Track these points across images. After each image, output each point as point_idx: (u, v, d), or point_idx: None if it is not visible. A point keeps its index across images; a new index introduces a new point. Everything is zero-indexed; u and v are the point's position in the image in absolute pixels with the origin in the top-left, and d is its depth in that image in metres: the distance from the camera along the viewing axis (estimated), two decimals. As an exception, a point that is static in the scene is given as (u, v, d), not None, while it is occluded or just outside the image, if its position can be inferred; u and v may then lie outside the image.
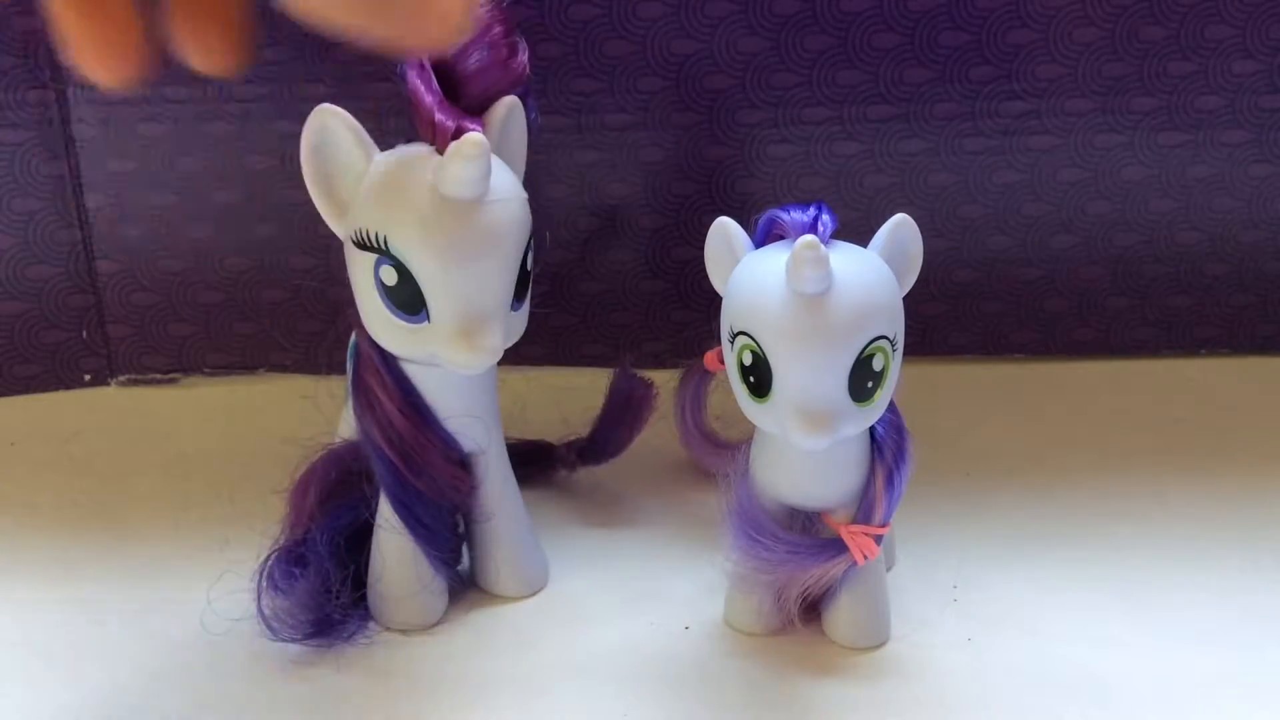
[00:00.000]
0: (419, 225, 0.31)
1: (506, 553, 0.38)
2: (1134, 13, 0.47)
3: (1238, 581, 0.39)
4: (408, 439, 0.34)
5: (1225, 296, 0.52)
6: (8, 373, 0.50)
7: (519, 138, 0.35)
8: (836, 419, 0.32)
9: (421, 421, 0.34)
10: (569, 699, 0.34)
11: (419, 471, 0.35)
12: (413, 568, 0.36)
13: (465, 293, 0.32)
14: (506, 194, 0.33)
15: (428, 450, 0.35)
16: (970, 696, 0.34)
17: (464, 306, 0.32)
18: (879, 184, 0.50)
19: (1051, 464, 0.46)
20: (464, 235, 0.31)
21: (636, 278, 0.51)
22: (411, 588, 0.36)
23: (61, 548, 0.41)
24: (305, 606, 0.35)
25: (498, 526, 0.37)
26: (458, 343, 0.32)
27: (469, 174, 0.31)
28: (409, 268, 0.31)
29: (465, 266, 0.31)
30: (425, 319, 0.32)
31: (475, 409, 0.35)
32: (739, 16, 0.47)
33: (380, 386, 0.34)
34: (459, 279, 0.32)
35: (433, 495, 0.35)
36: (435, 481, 0.35)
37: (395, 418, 0.34)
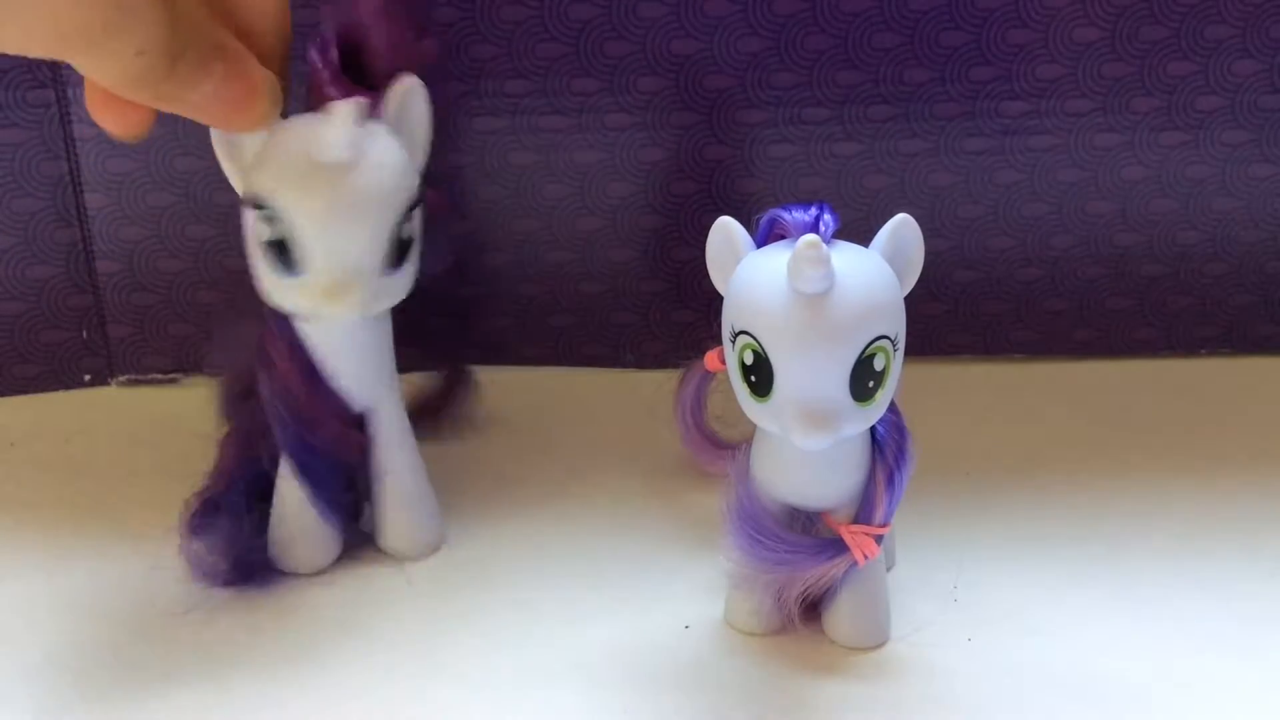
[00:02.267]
0: (295, 185, 0.34)
1: (398, 511, 0.40)
2: (1134, 13, 0.47)
3: (1238, 582, 0.39)
4: (300, 397, 0.37)
5: (1225, 296, 0.52)
6: (8, 373, 0.50)
7: (419, 116, 0.37)
8: (837, 419, 0.32)
9: (313, 380, 0.37)
10: (569, 698, 0.34)
11: (310, 427, 0.37)
12: (303, 516, 0.39)
13: (333, 250, 0.34)
14: (382, 161, 0.35)
15: (318, 408, 0.37)
16: (970, 696, 0.34)
17: (332, 263, 0.35)
18: (879, 184, 0.50)
19: (1051, 464, 0.46)
20: (333, 196, 0.34)
21: (636, 278, 0.51)
22: (301, 534, 0.39)
23: (61, 548, 0.41)
24: (221, 550, 0.37)
25: (391, 484, 0.40)
26: (326, 295, 0.34)
27: (336, 137, 0.33)
28: (288, 223, 0.34)
29: (335, 224, 0.34)
30: (301, 272, 0.35)
31: (366, 369, 0.38)
32: (739, 16, 0.47)
33: (274, 346, 0.37)
34: (328, 237, 0.34)
35: (325, 452, 0.38)
36: (325, 437, 0.37)
37: (289, 376, 0.37)
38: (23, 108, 0.47)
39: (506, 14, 0.46)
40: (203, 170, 0.48)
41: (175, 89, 0.31)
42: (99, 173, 0.48)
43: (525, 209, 0.50)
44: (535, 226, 0.50)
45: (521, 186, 0.49)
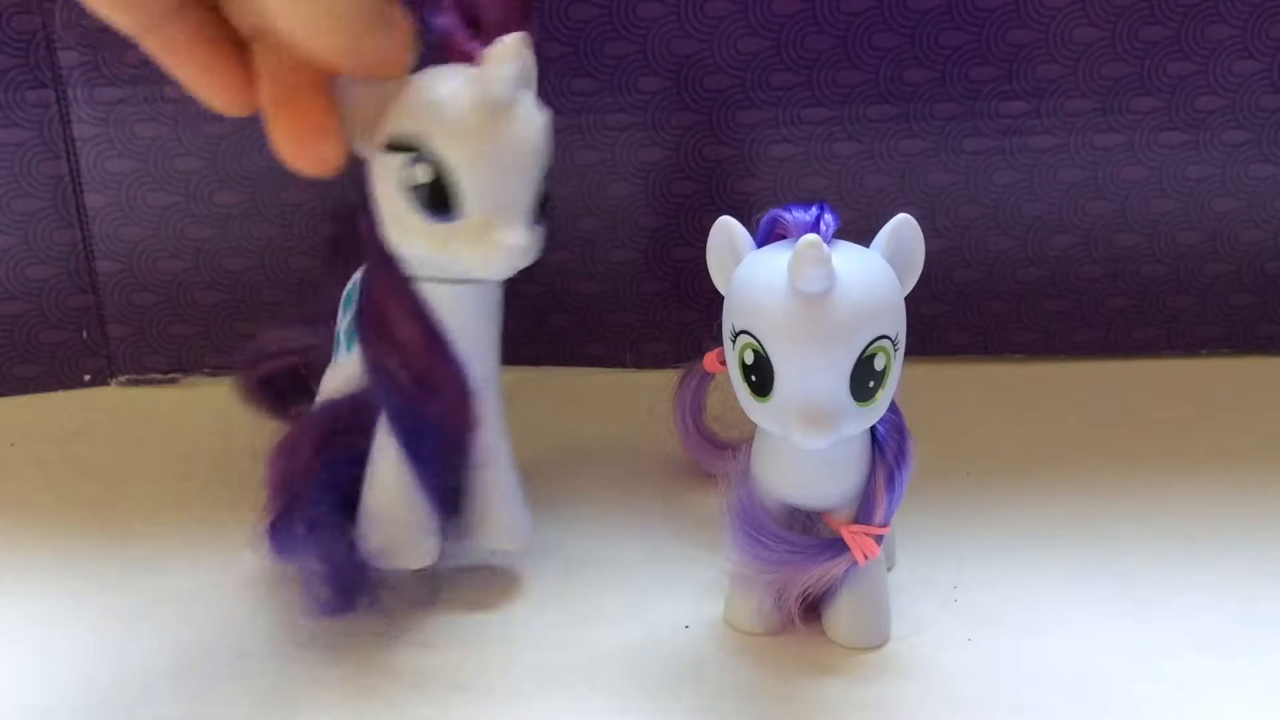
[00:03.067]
0: (461, 126, 0.33)
1: (497, 502, 0.38)
2: (1134, 13, 0.48)
3: (1238, 582, 0.39)
4: (423, 359, 0.35)
5: (1225, 296, 0.52)
6: (8, 373, 0.50)
7: (531, 70, 0.36)
8: (838, 418, 0.32)
9: (437, 344, 0.35)
10: (569, 698, 0.34)
11: (430, 394, 0.35)
12: (407, 501, 0.36)
13: (497, 191, 0.33)
14: (532, 112, 0.34)
15: (441, 371, 0.35)
16: (970, 696, 0.34)
17: (494, 204, 0.33)
18: (879, 184, 0.50)
19: (1051, 464, 0.46)
20: (501, 137, 0.33)
21: (636, 278, 0.51)
22: (405, 522, 0.36)
23: (61, 548, 0.41)
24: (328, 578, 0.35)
25: (492, 475, 0.38)
26: (485, 238, 0.33)
27: (506, 74, 0.33)
28: (446, 164, 0.33)
29: (500, 162, 0.33)
30: (455, 217, 0.33)
31: (483, 338, 0.36)
32: (739, 16, 0.47)
33: (398, 306, 0.35)
34: (494, 177, 0.33)
35: (439, 423, 0.35)
36: (445, 406, 0.35)
37: (413, 337, 0.35)
38: (23, 108, 0.47)
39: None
40: (202, 170, 0.48)
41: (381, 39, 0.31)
42: (99, 173, 0.48)
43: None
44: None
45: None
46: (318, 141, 0.32)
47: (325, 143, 0.33)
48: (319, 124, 0.32)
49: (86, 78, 0.46)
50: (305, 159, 0.33)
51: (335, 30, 0.30)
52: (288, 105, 0.32)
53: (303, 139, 0.32)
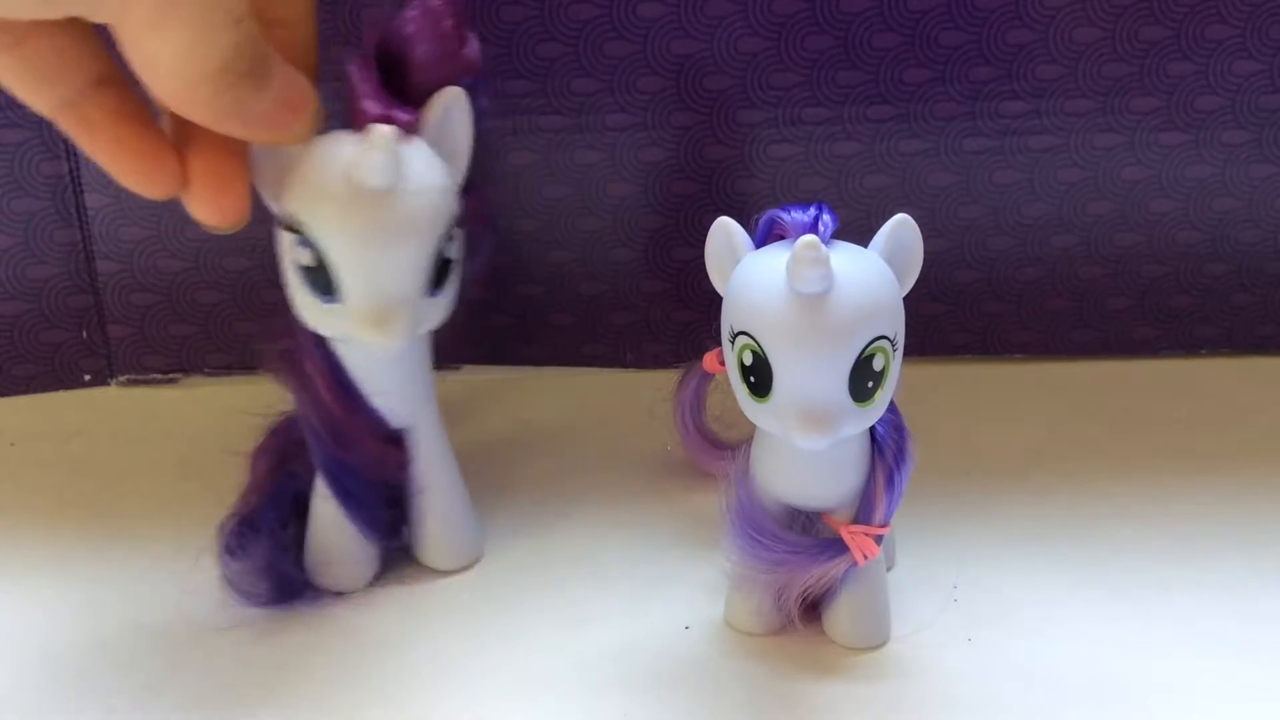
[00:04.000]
0: (333, 210, 0.33)
1: (437, 526, 0.39)
2: (1134, 13, 0.47)
3: (1238, 582, 0.39)
4: (337, 415, 0.36)
5: (1225, 296, 0.52)
6: (8, 373, 0.50)
7: (461, 129, 0.36)
8: (837, 419, 0.32)
9: (349, 398, 0.36)
10: (569, 698, 0.34)
11: (347, 446, 0.36)
12: (341, 534, 0.38)
13: (374, 277, 0.33)
14: (423, 184, 0.34)
15: (355, 426, 0.36)
16: (970, 696, 0.34)
17: (374, 290, 0.33)
18: (879, 184, 0.50)
19: (1051, 464, 0.46)
20: (375, 221, 0.33)
21: (636, 278, 0.51)
22: (339, 553, 0.38)
23: (61, 548, 0.41)
24: (261, 570, 0.36)
25: (429, 500, 0.39)
26: (367, 324, 0.33)
27: (374, 163, 0.32)
28: (324, 252, 0.33)
29: (375, 252, 0.33)
30: (338, 300, 0.34)
31: (403, 386, 0.37)
32: (739, 16, 0.47)
33: (311, 365, 0.36)
34: (369, 263, 0.33)
35: (360, 469, 0.37)
36: (362, 456, 0.36)
37: (324, 394, 0.36)
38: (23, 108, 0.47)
39: (506, 14, 0.46)
40: (203, 170, 0.48)
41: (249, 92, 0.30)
42: (99, 173, 0.48)
43: (525, 209, 0.50)
44: (535, 226, 0.50)
45: (521, 187, 0.49)
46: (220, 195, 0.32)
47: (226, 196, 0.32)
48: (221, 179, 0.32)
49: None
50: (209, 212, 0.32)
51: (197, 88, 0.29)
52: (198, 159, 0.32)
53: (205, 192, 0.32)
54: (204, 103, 0.29)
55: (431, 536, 0.39)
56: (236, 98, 0.29)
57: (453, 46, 0.35)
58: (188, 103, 0.29)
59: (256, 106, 0.30)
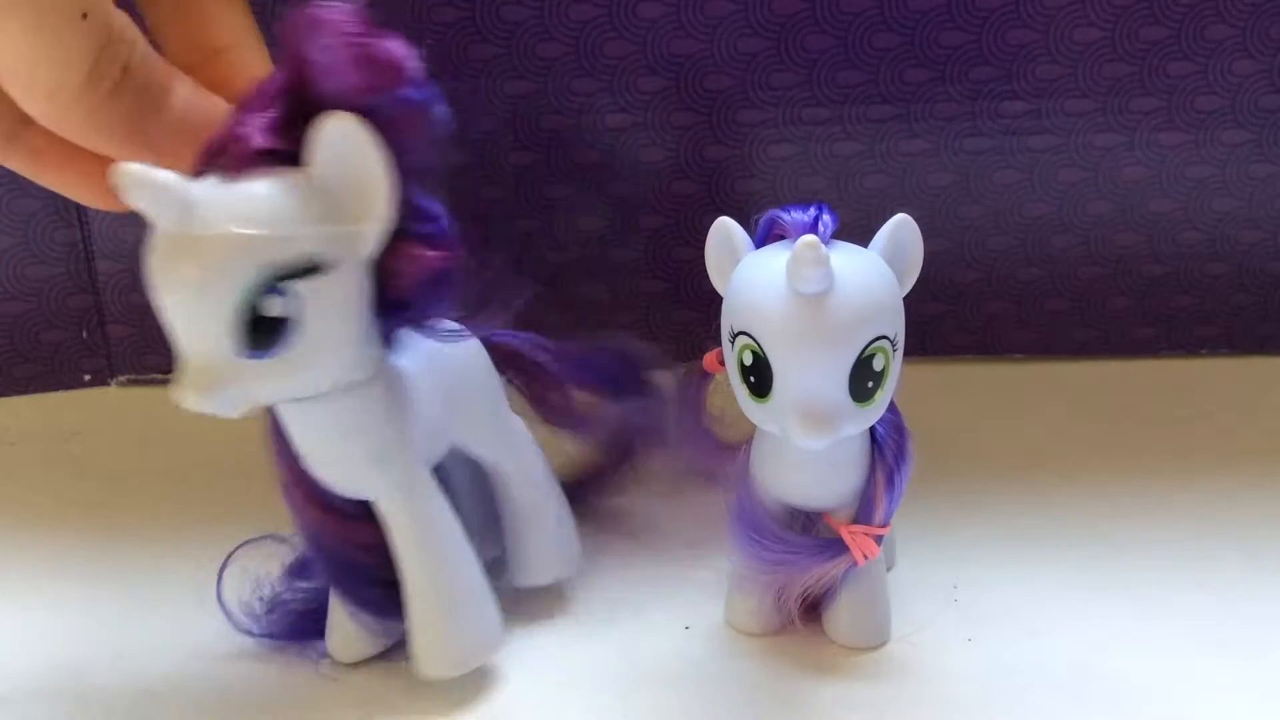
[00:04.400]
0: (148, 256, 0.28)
1: (421, 624, 0.33)
2: (1134, 13, 0.48)
3: (1238, 582, 0.39)
4: (286, 481, 0.33)
5: (1225, 296, 0.52)
6: (8, 373, 0.50)
7: (353, 157, 0.29)
8: (837, 419, 0.32)
9: (293, 465, 0.32)
10: (569, 699, 0.34)
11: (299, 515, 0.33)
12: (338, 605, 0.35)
13: (174, 331, 0.28)
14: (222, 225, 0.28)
15: (297, 493, 0.33)
16: (970, 696, 0.34)
17: (182, 347, 0.29)
18: (879, 184, 0.50)
19: (1051, 464, 0.46)
20: (168, 272, 0.28)
21: (636, 278, 0.51)
22: (335, 622, 0.35)
23: (61, 548, 0.41)
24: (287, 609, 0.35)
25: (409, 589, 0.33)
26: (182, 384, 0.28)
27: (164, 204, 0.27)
28: None
29: (169, 305, 0.28)
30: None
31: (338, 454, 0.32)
32: (739, 16, 0.47)
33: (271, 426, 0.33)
34: (166, 316, 0.28)
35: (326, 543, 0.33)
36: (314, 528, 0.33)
37: (275, 457, 0.33)
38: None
39: (506, 14, 0.46)
40: (203, 170, 0.48)
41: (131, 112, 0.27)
42: (99, 173, 0.48)
43: (526, 209, 0.50)
44: (535, 226, 0.50)
45: (522, 187, 0.49)
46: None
47: None
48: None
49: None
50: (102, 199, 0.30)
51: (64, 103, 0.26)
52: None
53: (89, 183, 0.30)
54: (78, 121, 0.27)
55: (415, 636, 0.33)
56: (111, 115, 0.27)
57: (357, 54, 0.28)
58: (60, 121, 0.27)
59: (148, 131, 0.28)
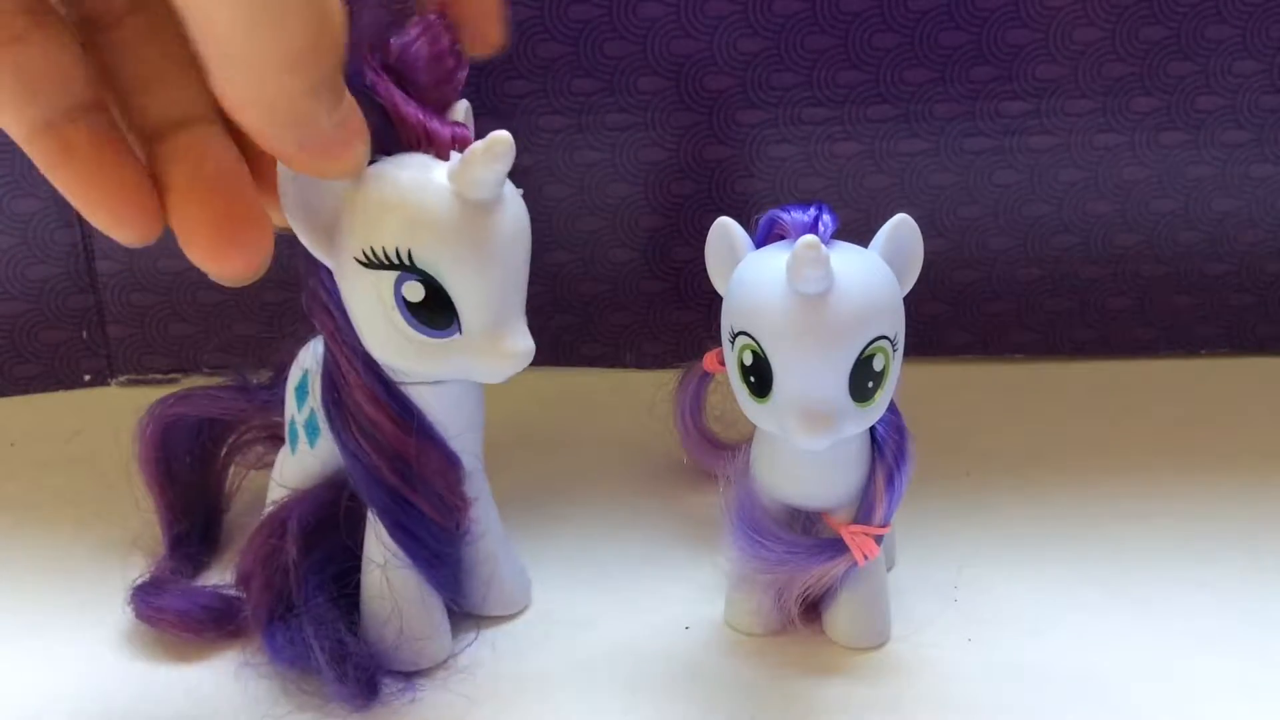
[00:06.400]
0: (449, 233, 0.30)
1: (495, 571, 0.37)
2: (1134, 13, 0.47)
3: (1238, 581, 0.39)
4: (411, 461, 0.33)
5: (1225, 296, 0.52)
6: (8, 373, 0.50)
7: None
8: (837, 419, 0.32)
9: (427, 442, 0.33)
10: (569, 699, 0.34)
11: (422, 492, 0.33)
12: (420, 602, 0.35)
13: (496, 298, 0.31)
14: (513, 192, 0.32)
15: (431, 470, 0.33)
16: (970, 696, 0.34)
17: (495, 312, 0.31)
18: (879, 184, 0.50)
19: (1051, 464, 0.46)
20: (492, 243, 0.30)
21: (636, 278, 0.51)
22: (424, 626, 0.35)
23: (61, 548, 0.41)
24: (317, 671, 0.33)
25: (485, 545, 0.37)
26: (491, 350, 0.31)
27: (495, 175, 0.30)
28: (440, 279, 0.30)
29: (495, 270, 0.31)
30: (456, 332, 0.31)
31: (475, 425, 0.35)
32: (739, 16, 0.47)
33: (378, 410, 0.33)
34: (491, 286, 0.31)
35: (436, 517, 0.34)
36: (441, 501, 0.34)
37: (397, 440, 0.33)
38: (23, 108, 0.47)
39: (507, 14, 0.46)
40: (203, 170, 0.48)
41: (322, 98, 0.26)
42: (99, 173, 0.48)
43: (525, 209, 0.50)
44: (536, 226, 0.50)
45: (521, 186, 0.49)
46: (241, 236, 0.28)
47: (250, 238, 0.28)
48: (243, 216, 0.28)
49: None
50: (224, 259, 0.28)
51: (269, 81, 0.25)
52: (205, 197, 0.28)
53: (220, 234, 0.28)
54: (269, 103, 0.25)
55: (491, 582, 0.37)
56: (309, 108, 0.26)
57: (448, 68, 0.32)
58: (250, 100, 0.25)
59: (322, 124, 0.27)
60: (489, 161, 0.29)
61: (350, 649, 0.33)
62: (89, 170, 0.28)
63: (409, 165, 0.31)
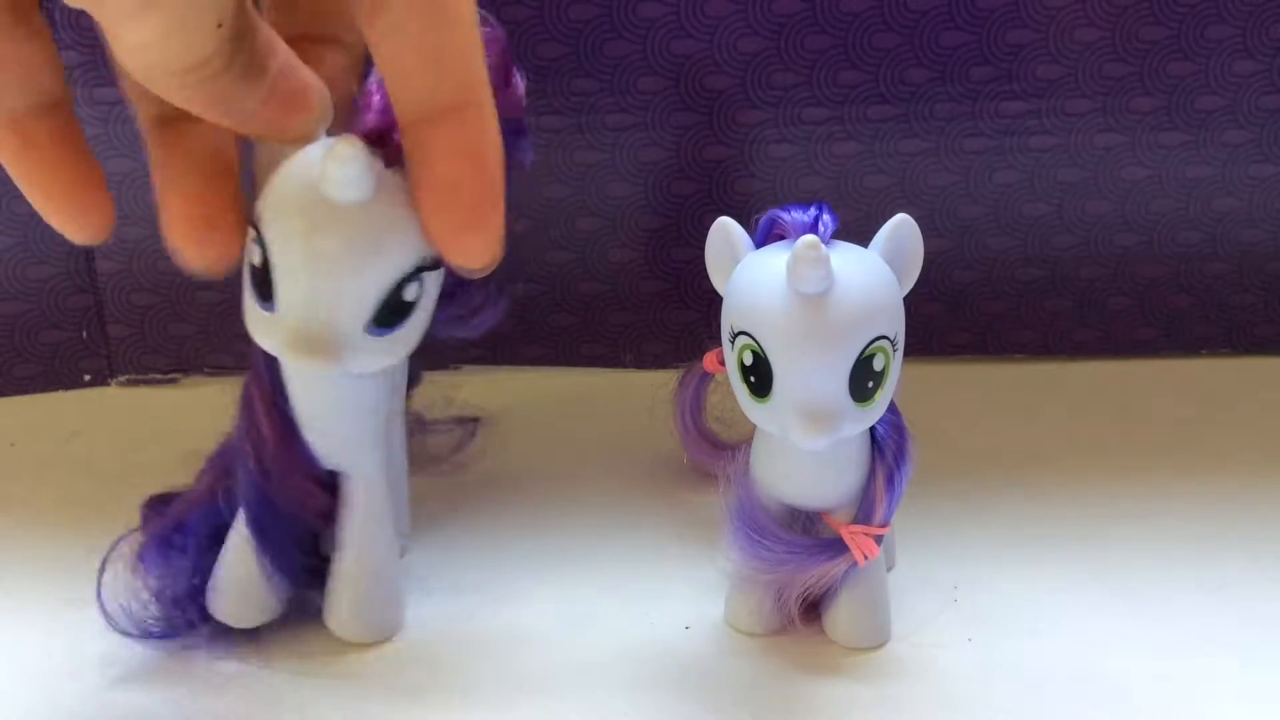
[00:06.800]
0: (285, 213, 0.30)
1: (345, 591, 0.36)
2: (1134, 13, 0.47)
3: (1238, 581, 0.39)
4: (268, 441, 0.33)
5: (1225, 296, 0.52)
6: (8, 373, 0.50)
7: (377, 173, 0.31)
8: (837, 419, 0.32)
9: (284, 426, 0.34)
10: (569, 699, 0.34)
11: (271, 478, 0.34)
12: (246, 566, 0.35)
13: (304, 291, 0.30)
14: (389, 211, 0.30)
15: (285, 459, 0.34)
16: (970, 696, 0.34)
17: (299, 306, 0.30)
18: (879, 184, 0.50)
19: (1051, 464, 0.46)
20: (314, 234, 0.30)
21: (636, 278, 0.51)
22: (240, 585, 0.35)
23: (61, 548, 0.41)
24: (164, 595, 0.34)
25: (345, 560, 0.35)
26: (287, 341, 0.31)
27: (342, 175, 0.29)
28: (267, 250, 0.31)
29: (312, 264, 0.30)
30: (273, 309, 0.31)
31: (340, 426, 0.34)
32: (739, 16, 0.47)
33: (255, 383, 0.34)
34: (301, 273, 0.30)
35: (282, 506, 0.34)
36: (285, 491, 0.34)
37: (261, 417, 0.34)
38: (23, 108, 0.47)
39: (507, 14, 0.46)
40: (203, 170, 0.48)
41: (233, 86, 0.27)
42: (99, 173, 0.48)
43: (525, 209, 0.50)
44: (536, 226, 0.50)
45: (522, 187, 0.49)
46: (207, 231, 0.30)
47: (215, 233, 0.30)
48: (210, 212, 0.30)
49: (87, 77, 0.46)
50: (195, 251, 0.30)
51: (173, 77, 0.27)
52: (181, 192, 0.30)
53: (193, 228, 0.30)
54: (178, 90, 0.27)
55: (339, 599, 0.36)
56: (216, 89, 0.27)
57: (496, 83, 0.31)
58: (166, 88, 0.27)
59: (243, 102, 0.28)
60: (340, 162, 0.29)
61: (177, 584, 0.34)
62: (46, 166, 0.29)
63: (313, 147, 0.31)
